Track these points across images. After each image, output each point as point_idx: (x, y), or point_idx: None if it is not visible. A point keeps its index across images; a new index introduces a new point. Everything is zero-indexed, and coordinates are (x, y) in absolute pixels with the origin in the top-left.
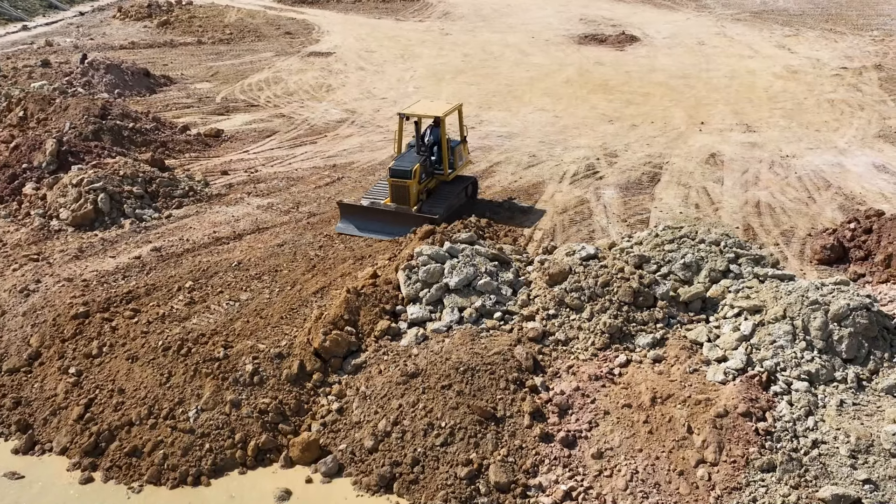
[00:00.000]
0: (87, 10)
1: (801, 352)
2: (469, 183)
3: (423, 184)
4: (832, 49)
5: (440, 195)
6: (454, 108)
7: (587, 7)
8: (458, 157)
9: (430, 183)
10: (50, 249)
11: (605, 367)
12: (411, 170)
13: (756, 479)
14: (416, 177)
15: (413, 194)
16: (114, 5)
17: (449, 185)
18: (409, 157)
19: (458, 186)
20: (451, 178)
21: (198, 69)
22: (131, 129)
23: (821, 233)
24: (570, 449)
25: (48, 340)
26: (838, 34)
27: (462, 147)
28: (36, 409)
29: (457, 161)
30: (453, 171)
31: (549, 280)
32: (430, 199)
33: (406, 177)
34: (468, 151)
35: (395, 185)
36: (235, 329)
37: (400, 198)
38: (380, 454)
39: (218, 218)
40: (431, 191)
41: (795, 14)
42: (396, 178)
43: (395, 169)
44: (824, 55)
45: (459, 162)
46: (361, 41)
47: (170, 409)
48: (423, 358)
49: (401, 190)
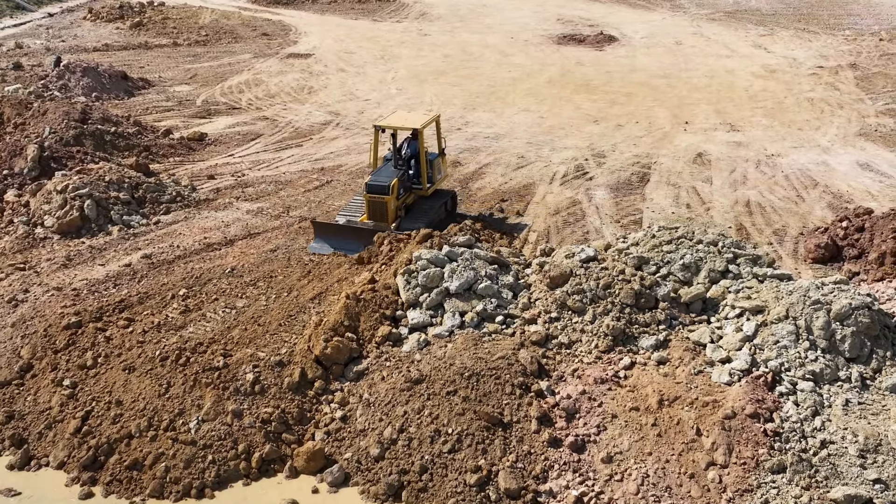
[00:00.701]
0: (56, 12)
1: (805, 352)
2: (448, 197)
3: (401, 199)
4: (807, 48)
5: (419, 211)
6: (432, 120)
7: (563, 7)
8: (437, 171)
9: (408, 198)
10: (36, 258)
11: (610, 369)
12: (389, 185)
13: (767, 481)
14: (395, 192)
15: (391, 210)
16: (83, 6)
17: (428, 200)
18: (386, 172)
19: (437, 201)
20: (430, 192)
21: (175, 71)
22: (113, 133)
23: (812, 231)
24: (579, 453)
25: (40, 352)
26: (812, 33)
27: (440, 160)
28: (30, 422)
29: (435, 175)
30: (432, 186)
31: (549, 283)
32: (409, 216)
33: (383, 192)
34: (447, 164)
35: (373, 201)
36: (234, 337)
37: (377, 214)
38: (386, 462)
39: (207, 223)
40: (409, 206)
41: (768, 14)
42: (373, 193)
43: (371, 184)
44: (800, 54)
45: (438, 175)
46: (340, 42)
47: (170, 420)
48: (426, 364)
49: (378, 206)
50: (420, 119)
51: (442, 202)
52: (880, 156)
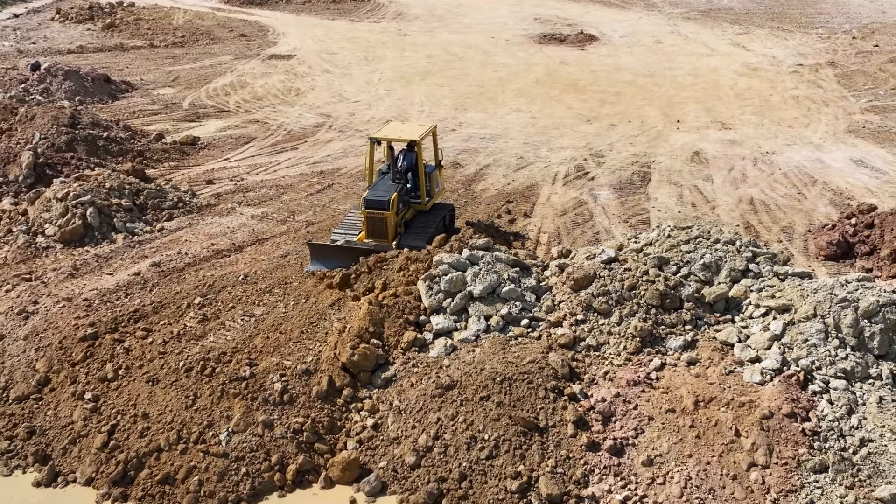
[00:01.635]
0: (21, 12)
1: (835, 350)
2: (447, 212)
3: (400, 215)
4: (784, 47)
5: (419, 227)
6: (429, 131)
7: (539, 6)
8: (435, 184)
9: (406, 213)
10: (41, 268)
11: (642, 371)
12: (388, 200)
13: (810, 481)
14: (394, 207)
15: (391, 227)
16: (49, 7)
17: (427, 216)
18: (384, 186)
19: (436, 216)
20: (429, 206)
21: (156, 74)
22: (105, 138)
23: (820, 228)
24: (618, 457)
25: (56, 364)
26: (786, 32)
27: (438, 172)
28: (53, 438)
29: (433, 188)
30: (431, 200)
31: (573, 285)
32: (409, 232)
33: (383, 208)
34: (444, 177)
35: (372, 217)
36: (256, 346)
37: (377, 231)
38: (423, 470)
39: (213, 230)
40: (408, 222)
41: (741, 12)
42: (372, 209)
43: (370, 199)
44: (778, 53)
45: (436, 189)
46: (320, 43)
47: (199, 432)
48: (455, 369)
49: (377, 223)
50: (417, 130)
51: (441, 217)
52: (872, 152)
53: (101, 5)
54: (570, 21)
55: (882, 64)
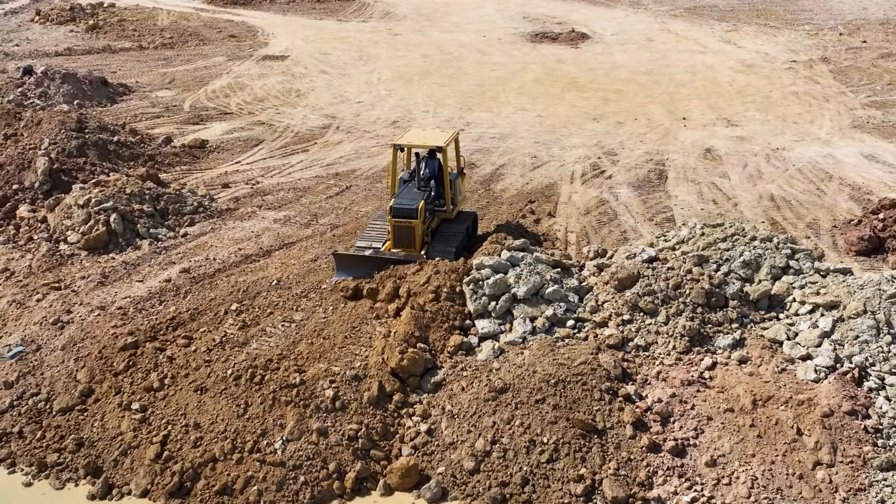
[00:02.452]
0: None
1: (888, 346)
2: (471, 220)
3: (427, 223)
4: (774, 44)
5: (445, 235)
6: (453, 137)
7: (525, 5)
8: (458, 192)
9: (432, 222)
10: (69, 276)
11: (694, 371)
12: (416, 208)
13: (879, 479)
14: (422, 216)
15: (419, 236)
16: (27, 7)
17: (452, 224)
18: (410, 194)
19: (461, 224)
20: (454, 214)
21: (151, 76)
22: (115, 142)
23: (846, 224)
24: (681, 458)
25: (98, 374)
26: (774, 29)
27: (460, 180)
28: (102, 449)
29: (456, 196)
30: (455, 207)
31: (618, 285)
32: (435, 241)
33: (411, 216)
34: (465, 185)
35: (399, 226)
36: (302, 352)
37: (404, 240)
38: (483, 475)
39: (237, 234)
40: (434, 231)
41: (726, 10)
42: (400, 217)
43: (397, 208)
44: (770, 49)
45: (459, 196)
46: (311, 43)
47: (254, 441)
48: (506, 372)
49: (405, 231)
50: (441, 136)
51: (465, 225)
52: (881, 147)
53: (83, 6)
54: (559, 19)
55: (874, 59)
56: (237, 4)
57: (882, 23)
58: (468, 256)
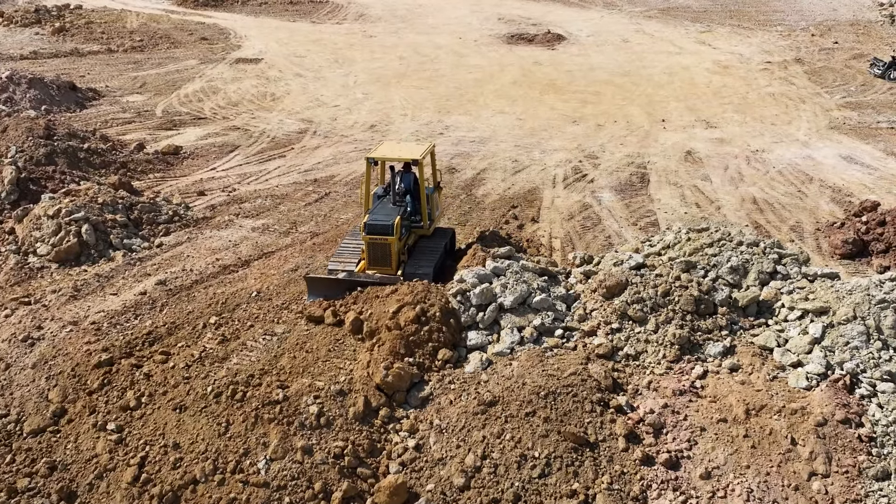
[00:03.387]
0: None
1: (878, 352)
2: (449, 236)
3: (403, 240)
4: (748, 45)
5: (422, 253)
6: (429, 149)
7: (500, 6)
8: (436, 207)
9: (409, 239)
10: (39, 290)
11: (686, 380)
12: (391, 224)
13: (874, 489)
14: (398, 232)
15: (394, 254)
16: None
17: (429, 241)
18: (385, 210)
19: (439, 241)
20: (431, 231)
21: (121, 80)
22: (86, 150)
23: (829, 226)
24: (674, 471)
25: (72, 394)
26: (747, 30)
27: (437, 194)
28: (77, 473)
29: (434, 211)
30: (432, 223)
31: (605, 293)
32: (412, 260)
33: (386, 233)
34: (443, 199)
35: (374, 243)
36: (284, 367)
37: (379, 259)
38: (474, 492)
39: (214, 244)
40: (411, 249)
41: (699, 11)
42: (375, 234)
43: (371, 224)
44: (744, 50)
45: (436, 212)
46: (285, 46)
47: (236, 461)
48: (495, 384)
49: (380, 249)
50: (418, 149)
51: (444, 242)
52: (859, 148)
53: (48, 8)
54: (534, 21)
55: (846, 60)
56: (208, 6)
57: (852, 23)
58: (446, 275)
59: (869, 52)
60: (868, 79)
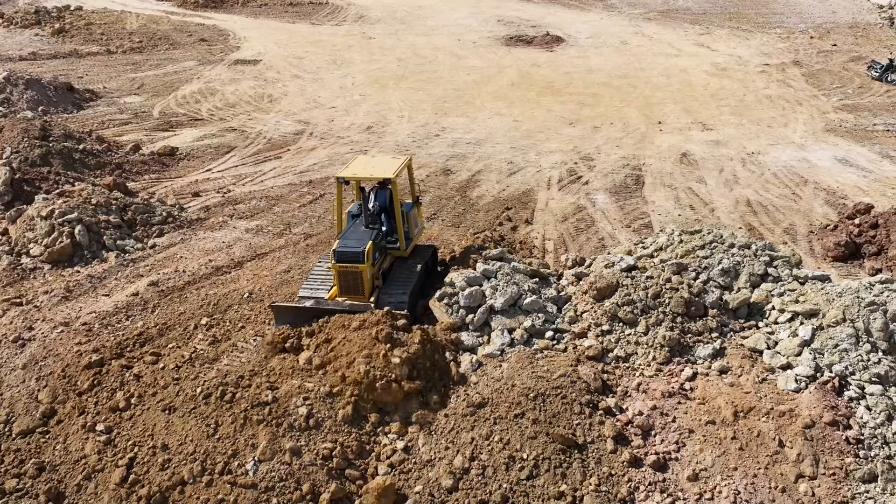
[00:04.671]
0: None
1: (867, 354)
2: (429, 255)
3: (377, 265)
4: (747, 47)
5: (398, 277)
6: (404, 165)
7: (499, 8)
8: (414, 225)
9: (383, 262)
10: (31, 291)
11: (675, 382)
12: (362, 251)
13: (861, 491)
14: (370, 259)
15: (367, 281)
16: None
17: (406, 262)
18: (356, 234)
19: (418, 262)
20: (409, 252)
21: (119, 81)
22: (81, 151)
23: (822, 229)
24: (662, 472)
25: (61, 395)
26: (746, 32)
27: (416, 210)
28: (65, 473)
29: (412, 230)
30: (410, 244)
31: (596, 294)
32: (387, 285)
33: (357, 260)
34: (423, 216)
35: (344, 272)
36: (274, 368)
37: (351, 287)
38: (462, 493)
39: (208, 245)
40: (386, 272)
41: (699, 13)
42: (345, 262)
43: (341, 251)
44: (743, 52)
45: (415, 230)
46: (284, 47)
47: (224, 463)
48: (484, 386)
49: (351, 277)
50: (391, 165)
51: (423, 262)
52: (854, 150)
53: (48, 9)
54: (534, 22)
55: (844, 63)
56: (208, 8)
57: (851, 26)
58: (426, 298)
59: (867, 54)
60: (865, 81)
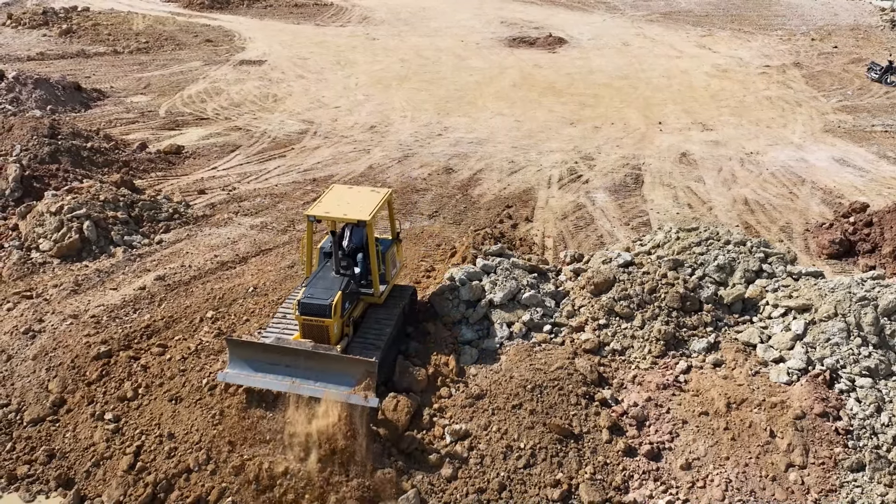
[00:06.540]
0: None
1: (858, 348)
2: (407, 298)
3: (347, 313)
4: (748, 48)
5: (370, 329)
6: (382, 202)
7: (502, 10)
8: (392, 265)
9: (354, 311)
10: (41, 285)
11: (670, 374)
12: (329, 304)
13: (849, 480)
14: (337, 312)
15: (334, 334)
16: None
17: (381, 310)
18: (325, 282)
19: (393, 310)
20: (384, 299)
21: (126, 81)
22: (89, 149)
23: (818, 227)
24: (656, 462)
25: (71, 384)
26: (748, 34)
27: (395, 249)
28: (74, 461)
29: (389, 271)
30: (386, 288)
31: (594, 289)
32: (358, 336)
33: (322, 314)
34: (402, 254)
35: (309, 325)
36: None
37: (316, 337)
38: (461, 482)
39: (213, 241)
40: (357, 321)
41: (701, 15)
42: (309, 315)
43: (305, 303)
44: (744, 54)
45: (393, 270)
46: (289, 48)
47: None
48: (483, 378)
49: (316, 330)
50: (367, 204)
51: (400, 309)
52: (852, 151)
53: (56, 10)
54: (536, 24)
55: (845, 65)
56: (214, 8)
57: (852, 28)
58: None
59: (868, 56)
60: (865, 83)
